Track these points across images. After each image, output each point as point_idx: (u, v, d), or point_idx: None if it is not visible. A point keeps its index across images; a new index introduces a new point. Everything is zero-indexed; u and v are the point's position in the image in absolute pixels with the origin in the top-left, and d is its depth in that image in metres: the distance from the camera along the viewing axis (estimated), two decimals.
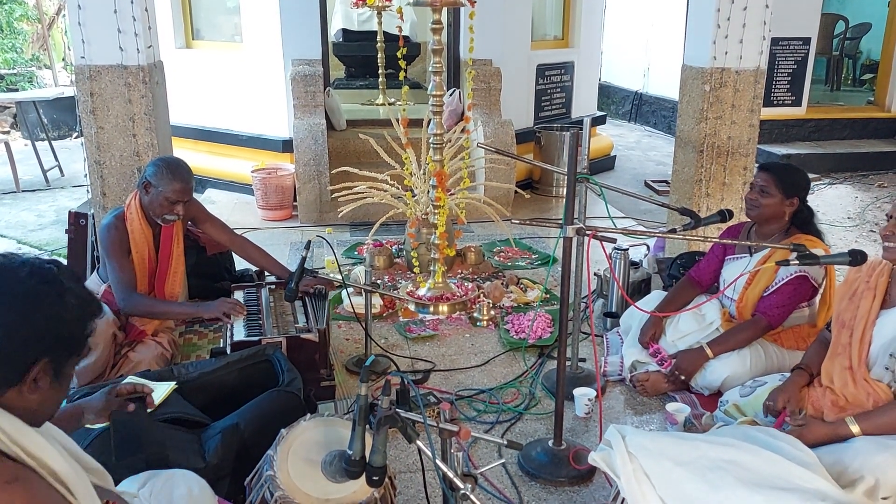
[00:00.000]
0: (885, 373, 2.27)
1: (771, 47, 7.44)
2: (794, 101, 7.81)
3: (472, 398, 3.02)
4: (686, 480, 1.90)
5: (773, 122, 7.77)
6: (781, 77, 7.67)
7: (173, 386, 2.37)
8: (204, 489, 1.87)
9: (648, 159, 8.30)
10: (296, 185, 5.39)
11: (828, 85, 9.73)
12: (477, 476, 2.00)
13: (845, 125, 8.11)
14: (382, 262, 4.42)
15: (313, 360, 2.83)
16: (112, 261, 3.04)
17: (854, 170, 7.54)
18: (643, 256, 4.21)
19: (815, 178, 7.29)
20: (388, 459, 2.52)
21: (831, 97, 9.22)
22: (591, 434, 2.76)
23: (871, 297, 2.34)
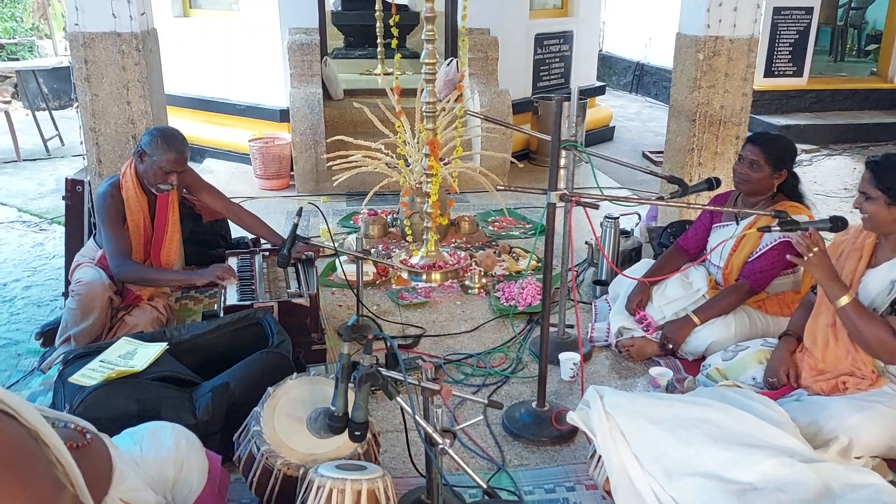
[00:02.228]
0: None
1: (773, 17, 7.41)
2: (795, 71, 7.76)
3: (461, 362, 3.08)
4: (659, 438, 1.96)
5: (774, 92, 7.73)
6: (783, 47, 7.62)
7: (164, 347, 2.44)
8: (192, 442, 1.93)
9: (648, 130, 8.28)
10: (292, 154, 5.42)
11: (832, 55, 9.66)
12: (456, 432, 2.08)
13: (847, 96, 8.07)
14: (377, 230, 4.46)
15: (304, 324, 2.89)
16: (107, 228, 3.09)
17: (854, 141, 7.52)
18: (634, 225, 4.24)
19: (813, 149, 7.28)
20: (376, 420, 2.61)
21: (834, 68, 9.15)
22: (574, 397, 2.82)
23: (858, 258, 2.39)
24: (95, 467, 1.44)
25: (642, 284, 3.19)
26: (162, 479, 1.79)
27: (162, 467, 1.81)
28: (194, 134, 6.03)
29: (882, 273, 2.33)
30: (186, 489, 1.84)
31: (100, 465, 1.49)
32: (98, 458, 1.50)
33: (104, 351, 2.43)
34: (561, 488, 2.31)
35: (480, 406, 2.70)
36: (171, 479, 1.81)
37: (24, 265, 4.34)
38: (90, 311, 2.95)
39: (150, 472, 1.76)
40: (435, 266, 3.91)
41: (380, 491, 1.81)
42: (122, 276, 3.06)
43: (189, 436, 1.95)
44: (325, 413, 1.89)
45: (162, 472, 1.80)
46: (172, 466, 1.83)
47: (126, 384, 2.24)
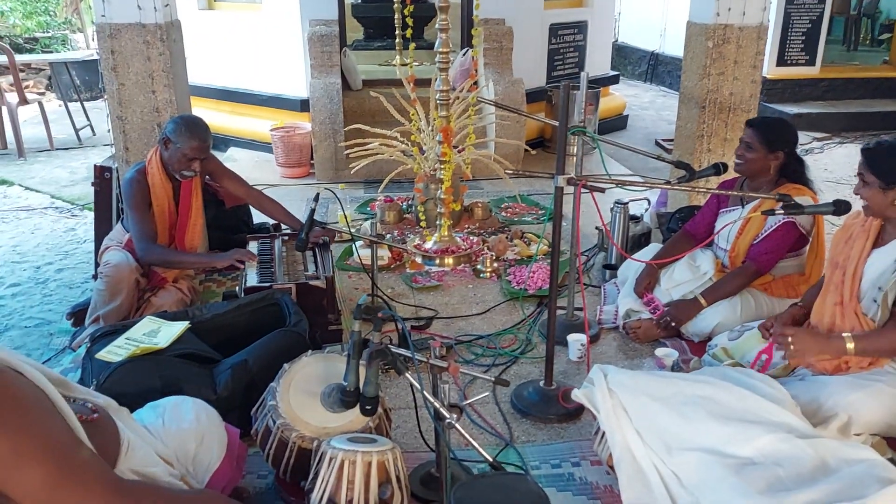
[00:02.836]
0: (872, 305, 2.31)
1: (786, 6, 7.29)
2: (807, 60, 7.63)
3: (472, 343, 3.10)
4: (661, 414, 1.97)
5: (786, 81, 7.62)
6: (795, 36, 7.49)
7: (186, 325, 2.48)
8: (212, 416, 1.97)
9: (661, 119, 8.20)
10: (312, 143, 5.44)
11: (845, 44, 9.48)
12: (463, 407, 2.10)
13: (859, 85, 7.92)
14: (392, 217, 4.48)
15: (321, 305, 2.93)
16: (133, 213, 3.14)
17: (866, 129, 7.39)
18: (644, 211, 4.22)
19: (824, 137, 7.17)
20: (388, 397, 2.64)
21: (847, 57, 8.99)
22: (581, 377, 2.78)
23: (865, 238, 2.38)
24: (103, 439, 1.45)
25: (650, 267, 3.18)
26: (183, 450, 1.82)
27: (183, 440, 1.84)
28: (219, 124, 6.09)
29: (887, 252, 2.31)
30: (206, 461, 1.87)
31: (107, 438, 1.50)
32: (105, 430, 1.51)
33: (129, 329, 2.47)
34: (566, 463, 2.33)
35: (489, 384, 2.72)
36: (192, 452, 1.84)
37: (56, 249, 4.42)
38: (118, 293, 3.00)
39: (171, 443, 1.79)
40: (448, 251, 3.93)
41: (389, 463, 1.84)
42: (147, 259, 3.11)
43: (209, 410, 1.98)
44: (338, 388, 1.92)
45: (183, 444, 1.83)
46: (193, 439, 1.86)
47: (149, 360, 2.28)
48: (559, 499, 2.16)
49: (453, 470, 2.09)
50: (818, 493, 1.72)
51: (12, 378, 1.27)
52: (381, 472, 1.82)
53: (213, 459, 1.88)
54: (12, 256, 4.32)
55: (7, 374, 1.26)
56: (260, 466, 2.22)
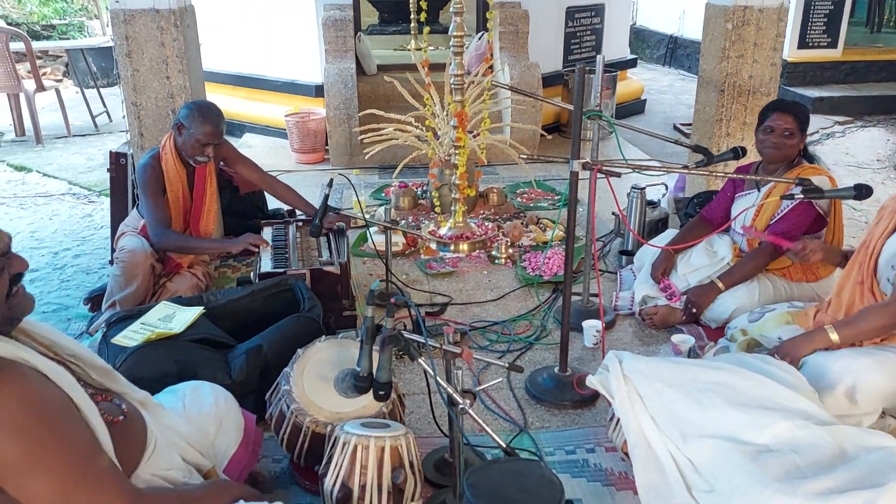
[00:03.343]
0: (887, 285, 2.29)
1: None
2: (829, 42, 7.49)
3: (486, 329, 3.09)
4: (676, 400, 1.95)
5: (808, 64, 7.49)
6: (817, 18, 7.35)
7: (200, 311, 2.49)
8: (230, 401, 1.98)
9: (680, 103, 8.10)
10: (327, 128, 5.44)
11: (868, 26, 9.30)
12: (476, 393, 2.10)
13: (882, 67, 7.77)
14: (407, 202, 4.48)
15: (335, 290, 2.93)
16: (147, 198, 3.16)
17: (888, 112, 7.25)
18: (661, 196, 4.18)
19: (846, 120, 7.05)
20: (402, 383, 2.65)
21: (870, 39, 8.81)
22: (596, 363, 2.78)
23: (887, 223, 2.34)
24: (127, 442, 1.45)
25: (667, 253, 3.16)
26: (203, 434, 1.83)
27: (203, 423, 1.85)
28: (233, 110, 6.10)
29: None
30: (224, 445, 1.89)
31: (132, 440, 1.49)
32: (132, 432, 1.50)
33: (145, 314, 2.49)
34: (581, 450, 2.32)
35: (503, 370, 2.73)
36: (212, 435, 1.86)
37: (74, 235, 4.46)
38: (133, 278, 3.03)
39: (192, 426, 1.80)
40: (463, 237, 3.92)
41: (402, 448, 1.84)
42: (161, 244, 3.12)
43: (227, 394, 2.00)
44: (352, 373, 1.92)
45: (203, 427, 1.84)
46: (213, 423, 1.87)
47: (165, 345, 2.30)
48: (573, 485, 2.16)
49: (467, 455, 2.09)
50: (836, 481, 1.70)
51: (35, 382, 1.27)
52: (395, 457, 1.82)
53: (230, 444, 1.90)
54: (30, 242, 4.36)
55: (30, 378, 1.26)
56: (274, 451, 2.23)
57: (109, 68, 8.79)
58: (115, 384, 1.55)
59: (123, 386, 1.57)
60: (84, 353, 1.49)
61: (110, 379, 1.53)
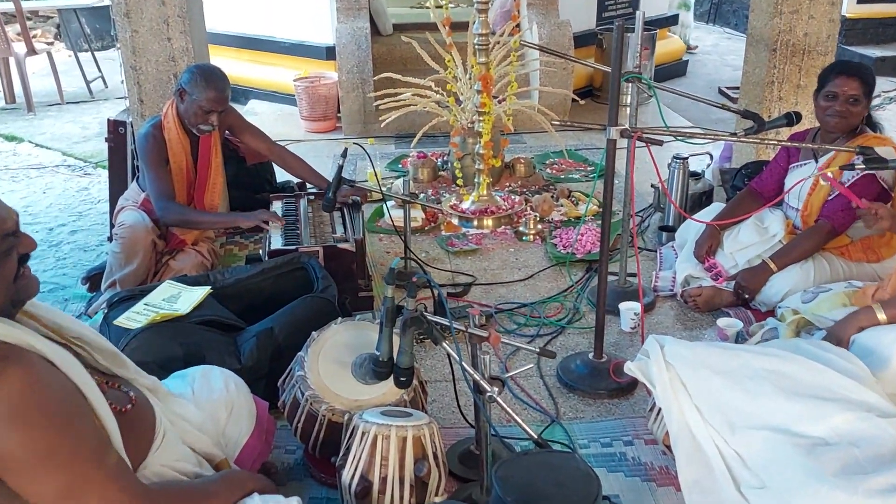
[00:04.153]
0: None
1: None
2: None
3: (513, 312, 3.09)
4: (723, 388, 1.95)
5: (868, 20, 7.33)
6: None
7: (207, 290, 2.52)
8: (240, 385, 2.00)
9: (725, 64, 7.99)
10: (339, 94, 5.43)
11: None
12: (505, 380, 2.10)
13: None
14: (426, 174, 4.47)
15: (350, 269, 2.95)
16: (149, 170, 3.17)
17: None
18: (706, 167, 4.14)
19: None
20: (424, 369, 2.66)
21: None
22: (634, 349, 2.78)
23: None
24: (136, 432, 1.46)
25: (712, 229, 3.13)
26: (214, 420, 1.85)
27: (214, 409, 1.87)
28: (238, 74, 6.10)
29: None
30: (236, 433, 1.90)
31: (141, 431, 1.51)
32: (141, 422, 1.52)
33: (148, 294, 2.52)
34: (618, 442, 2.33)
35: (533, 356, 2.73)
36: (224, 421, 1.88)
37: (69, 210, 4.52)
38: (134, 255, 3.06)
39: (203, 412, 1.82)
40: (487, 211, 3.91)
41: (426, 438, 1.85)
42: (165, 219, 3.15)
43: (237, 379, 2.02)
44: (370, 358, 1.93)
45: (214, 413, 1.86)
46: (224, 408, 1.89)
47: (170, 327, 2.33)
48: (610, 480, 2.16)
49: (494, 447, 2.10)
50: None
51: (42, 371, 1.28)
52: (417, 449, 1.83)
53: (242, 432, 1.92)
54: (24, 217, 4.42)
55: (37, 366, 1.27)
56: (288, 441, 2.26)
57: (105, 30, 8.82)
58: (123, 369, 1.56)
59: (132, 371, 1.59)
60: (90, 335, 1.51)
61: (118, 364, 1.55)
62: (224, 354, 2.32)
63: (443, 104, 4.27)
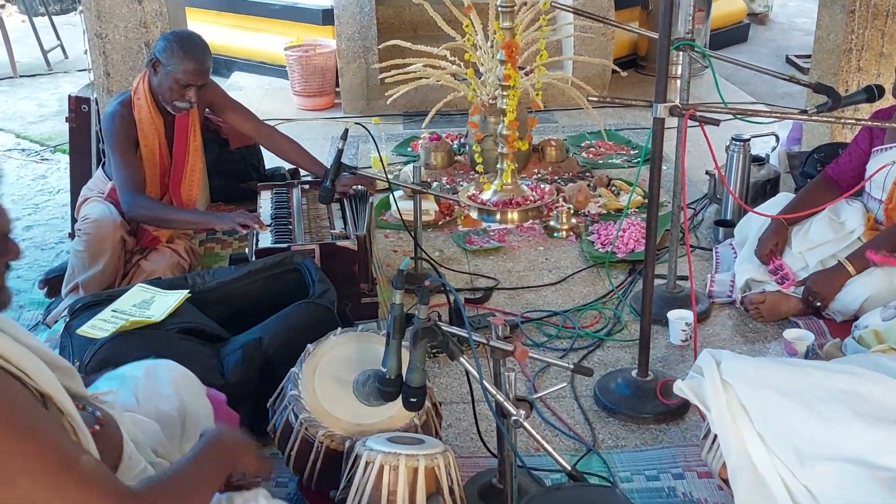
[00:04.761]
0: None
1: None
2: None
3: (543, 321, 3.10)
4: (791, 413, 1.95)
5: None
6: None
7: (185, 295, 2.54)
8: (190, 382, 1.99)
9: (794, 28, 7.98)
10: (338, 65, 5.46)
11: None
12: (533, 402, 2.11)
13: None
14: (440, 159, 4.48)
15: (352, 271, 2.96)
16: (116, 156, 3.20)
17: None
18: (771, 150, 4.13)
19: None
20: (438, 389, 2.68)
21: None
22: (685, 365, 2.80)
23: None
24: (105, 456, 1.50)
25: (779, 224, 3.13)
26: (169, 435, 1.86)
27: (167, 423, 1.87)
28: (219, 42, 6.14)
29: None
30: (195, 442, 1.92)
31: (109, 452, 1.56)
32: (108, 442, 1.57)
33: (116, 299, 2.54)
34: (666, 475, 2.33)
35: (566, 373, 2.73)
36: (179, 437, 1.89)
37: (24, 201, 4.56)
38: (100, 254, 3.09)
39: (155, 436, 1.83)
40: (512, 203, 3.92)
41: (440, 469, 1.87)
42: (133, 214, 3.16)
43: (186, 374, 2.00)
44: (375, 376, 1.94)
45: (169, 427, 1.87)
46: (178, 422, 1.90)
47: (143, 336, 2.34)
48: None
49: (521, 480, 2.12)
50: None
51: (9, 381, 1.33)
52: (430, 482, 1.85)
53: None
54: None
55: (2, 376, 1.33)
56: (279, 471, 2.25)
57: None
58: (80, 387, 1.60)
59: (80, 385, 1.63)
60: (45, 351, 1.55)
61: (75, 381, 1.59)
62: (205, 367, 2.32)
63: (459, 77, 4.29)
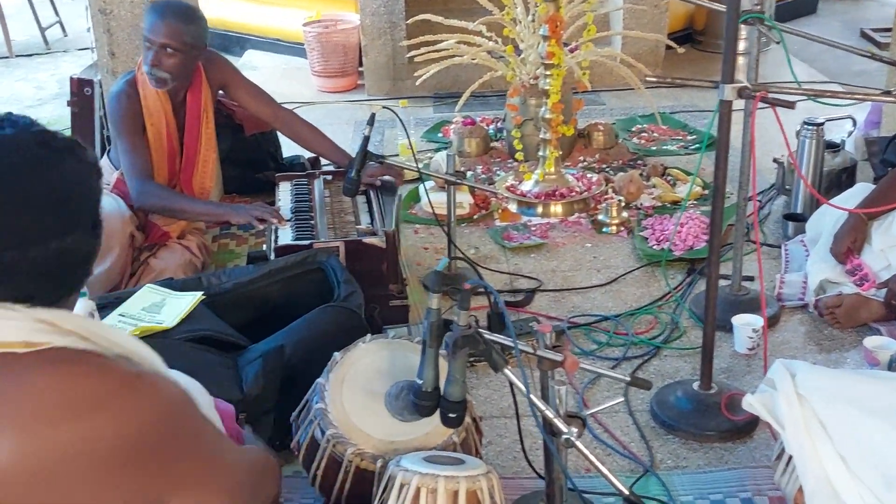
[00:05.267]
0: None
1: None
2: None
3: (592, 327, 3.09)
4: (875, 431, 1.93)
5: None
6: None
7: (199, 298, 2.56)
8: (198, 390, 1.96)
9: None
10: (361, 42, 5.46)
11: None
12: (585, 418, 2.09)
13: None
14: (475, 145, 4.48)
15: (379, 271, 2.97)
16: (123, 139, 3.23)
17: None
18: (847, 135, 4.08)
19: None
20: (477, 401, 2.67)
21: None
22: (753, 376, 2.79)
23: None
24: None
25: (857, 218, 3.09)
26: None
27: None
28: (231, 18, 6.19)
29: None
30: None
31: None
32: None
33: (124, 302, 2.56)
34: (734, 499, 2.31)
35: (620, 386, 2.72)
36: None
37: None
38: (107, 252, 3.09)
39: None
40: (555, 194, 3.91)
41: (483, 493, 1.85)
42: (143, 203, 3.19)
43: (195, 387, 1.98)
44: (410, 388, 1.94)
45: None
46: None
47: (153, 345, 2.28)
48: None
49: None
50: None
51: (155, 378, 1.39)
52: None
53: None
54: None
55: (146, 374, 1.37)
56: (303, 491, 2.28)
57: None
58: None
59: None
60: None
61: None
62: (222, 380, 2.33)
63: (496, 54, 4.28)
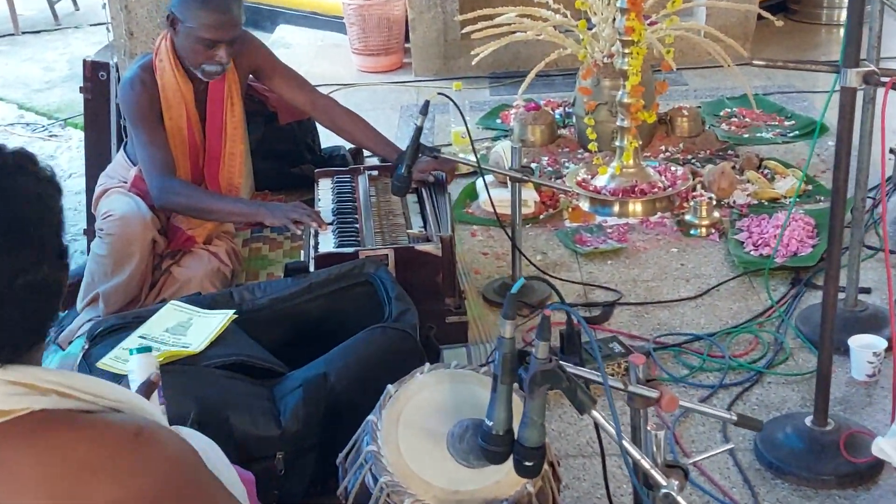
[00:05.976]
0: None
1: None
2: None
3: (682, 348, 3.04)
4: None
5: None
6: None
7: (231, 316, 2.52)
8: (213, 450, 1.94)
9: None
10: (408, 16, 5.46)
11: None
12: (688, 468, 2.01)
13: None
14: (539, 133, 4.47)
15: (434, 283, 2.93)
16: (140, 130, 3.21)
17: None
18: None
19: None
20: (551, 438, 2.61)
21: None
22: (875, 408, 2.73)
23: None
24: None
25: None
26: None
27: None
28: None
29: None
30: None
31: None
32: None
33: (145, 322, 2.53)
34: None
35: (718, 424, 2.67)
36: None
37: None
38: (126, 260, 3.10)
39: None
40: (635, 191, 3.88)
41: None
42: (164, 200, 3.16)
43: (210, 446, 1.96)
44: (476, 428, 1.90)
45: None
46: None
47: (179, 373, 2.32)
48: None
49: None
50: None
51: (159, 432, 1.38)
52: None
53: None
54: None
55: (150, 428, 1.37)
56: None
57: None
58: None
59: None
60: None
61: None
62: (256, 413, 2.31)
63: (565, 29, 4.23)
